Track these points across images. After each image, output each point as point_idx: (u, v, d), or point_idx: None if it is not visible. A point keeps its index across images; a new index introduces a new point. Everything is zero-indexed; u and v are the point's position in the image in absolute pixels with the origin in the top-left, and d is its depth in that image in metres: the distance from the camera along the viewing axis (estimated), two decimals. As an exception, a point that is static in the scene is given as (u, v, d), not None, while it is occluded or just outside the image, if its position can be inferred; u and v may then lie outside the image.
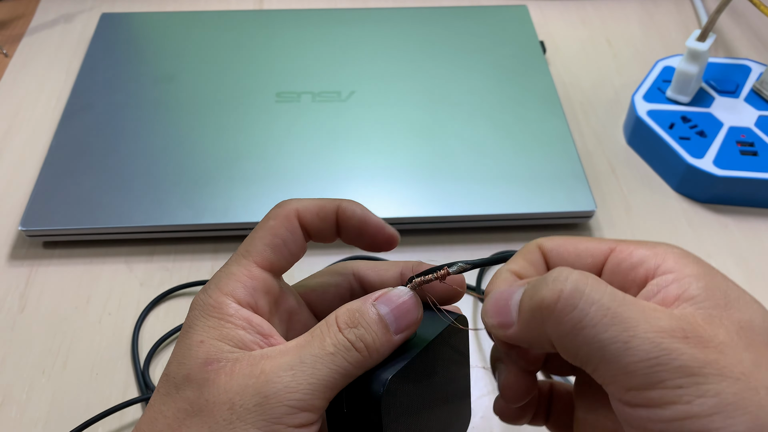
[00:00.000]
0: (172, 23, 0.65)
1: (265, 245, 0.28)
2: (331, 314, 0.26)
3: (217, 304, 0.26)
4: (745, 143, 0.53)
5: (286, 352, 0.25)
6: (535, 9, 0.71)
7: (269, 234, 0.28)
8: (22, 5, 0.72)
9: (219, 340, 0.25)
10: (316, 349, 0.25)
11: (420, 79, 0.59)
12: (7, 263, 0.49)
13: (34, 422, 0.40)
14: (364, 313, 0.26)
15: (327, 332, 0.25)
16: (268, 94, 0.57)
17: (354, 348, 0.25)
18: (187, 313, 0.27)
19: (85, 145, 0.53)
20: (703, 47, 0.53)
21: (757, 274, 0.49)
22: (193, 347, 0.25)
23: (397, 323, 0.26)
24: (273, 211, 0.29)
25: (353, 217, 0.30)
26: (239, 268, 0.27)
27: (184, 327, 0.26)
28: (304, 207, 0.29)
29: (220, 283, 0.27)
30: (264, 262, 0.27)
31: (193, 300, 0.27)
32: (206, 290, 0.27)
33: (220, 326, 0.25)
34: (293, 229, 0.28)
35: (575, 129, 0.59)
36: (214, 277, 0.27)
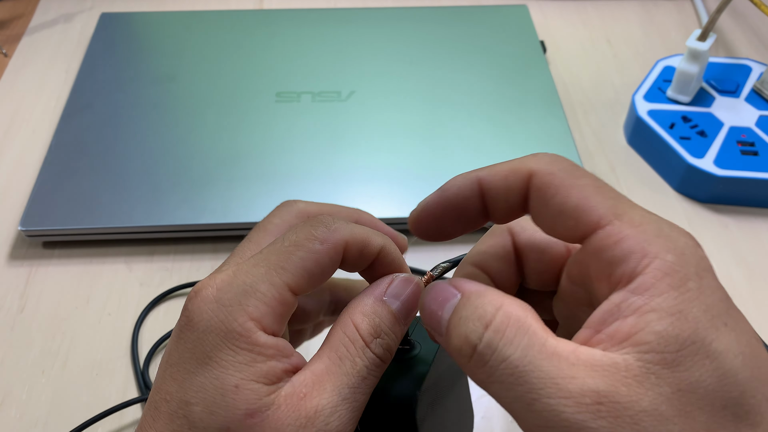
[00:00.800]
0: (172, 23, 0.65)
1: (305, 270, 0.24)
2: (346, 321, 0.25)
3: (244, 331, 0.23)
4: (746, 143, 0.53)
5: (321, 387, 0.23)
6: (535, 9, 0.71)
7: (313, 259, 0.24)
8: (21, 5, 0.72)
9: (255, 382, 0.23)
10: (351, 377, 0.24)
11: (420, 78, 0.59)
12: (6, 263, 0.49)
13: (34, 422, 0.40)
14: (383, 317, 0.25)
15: (355, 351, 0.24)
16: (268, 94, 0.57)
17: (381, 361, 0.24)
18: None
19: (85, 145, 0.53)
20: (704, 47, 0.53)
21: (757, 274, 0.49)
22: (228, 393, 0.22)
23: (406, 315, 0.26)
24: (321, 232, 0.25)
25: (392, 264, 0.27)
26: (271, 289, 0.24)
27: (201, 350, 0.23)
28: (353, 239, 0.26)
29: (245, 303, 0.23)
30: (297, 288, 0.24)
31: (202, 308, 0.23)
32: (227, 310, 0.23)
33: (253, 362, 0.23)
34: (336, 261, 0.25)
35: (575, 129, 0.59)
36: (230, 283, 0.24)
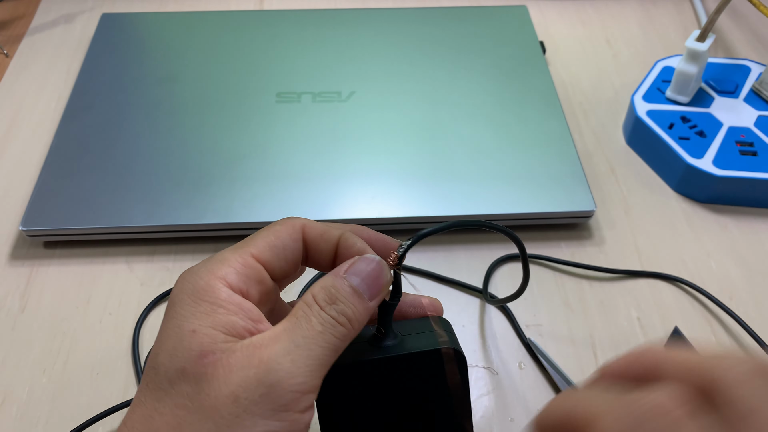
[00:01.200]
0: (173, 23, 0.65)
1: (265, 243, 0.28)
2: (306, 294, 0.27)
3: (208, 287, 0.26)
4: (745, 143, 0.53)
5: (277, 339, 0.25)
6: (535, 9, 0.71)
7: (272, 234, 0.28)
8: (22, 5, 0.72)
9: (212, 328, 0.25)
10: (306, 330, 0.25)
11: (420, 79, 0.59)
12: (7, 263, 0.49)
13: (34, 422, 0.40)
14: (339, 288, 0.26)
15: (311, 312, 0.26)
16: (269, 94, 0.57)
17: (338, 323, 0.26)
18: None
19: (86, 145, 0.53)
20: (703, 47, 0.54)
21: (757, 274, 0.49)
22: (185, 338, 0.24)
23: (369, 291, 0.27)
24: (281, 220, 0.29)
25: (352, 248, 0.29)
26: (234, 255, 0.27)
27: (170, 310, 0.26)
28: (311, 225, 0.29)
29: (212, 267, 0.26)
30: (260, 257, 0.27)
31: (179, 279, 0.27)
32: (196, 272, 0.26)
33: (213, 312, 0.25)
34: (296, 238, 0.29)
35: (575, 129, 0.59)
36: (205, 260, 0.27)
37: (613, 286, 0.48)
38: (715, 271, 0.49)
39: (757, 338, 0.44)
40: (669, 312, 0.46)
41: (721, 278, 0.48)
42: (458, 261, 0.49)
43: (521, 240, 0.32)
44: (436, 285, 0.48)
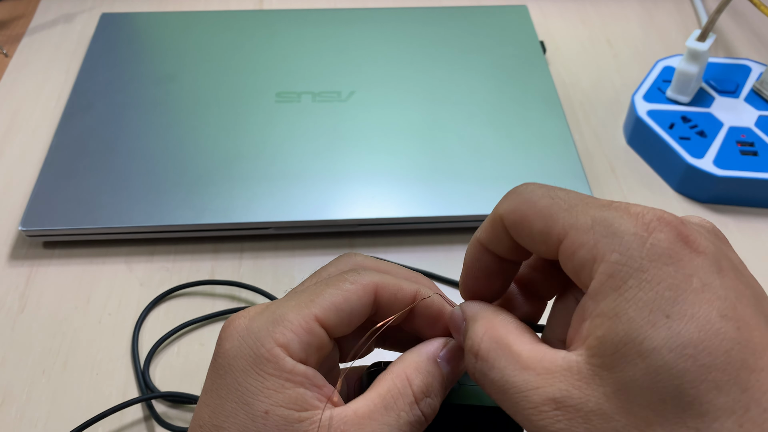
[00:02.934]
0: (172, 23, 0.65)
1: (333, 305, 0.25)
2: (400, 371, 0.25)
3: (272, 357, 0.23)
4: (745, 143, 0.53)
5: (360, 429, 0.24)
6: (535, 9, 0.71)
7: (341, 296, 0.25)
8: (22, 5, 0.72)
9: (285, 408, 0.23)
10: (393, 429, 0.24)
11: (420, 79, 0.59)
12: (7, 263, 0.49)
13: (34, 422, 0.40)
14: (435, 377, 0.26)
15: (402, 405, 0.25)
16: (269, 94, 0.57)
17: (424, 418, 0.25)
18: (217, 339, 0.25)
19: (85, 145, 0.53)
20: (703, 47, 0.53)
21: (757, 274, 0.48)
22: (258, 420, 0.23)
23: (452, 380, 0.27)
24: (351, 275, 0.26)
25: (429, 309, 0.28)
26: (298, 317, 0.24)
27: (230, 376, 0.24)
28: (383, 285, 0.27)
29: (273, 330, 0.24)
30: (324, 321, 0.25)
31: (230, 333, 0.24)
32: (256, 335, 0.24)
33: (282, 388, 0.23)
34: (366, 303, 0.26)
35: (575, 129, 0.59)
36: (260, 313, 0.25)
37: (613, 287, 0.48)
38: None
39: (757, 338, 0.44)
40: (669, 312, 0.46)
41: (721, 278, 0.48)
42: (458, 261, 0.49)
43: None
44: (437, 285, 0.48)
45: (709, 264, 0.20)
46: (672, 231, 0.20)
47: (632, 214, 0.21)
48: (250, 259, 0.49)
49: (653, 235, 0.20)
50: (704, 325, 0.19)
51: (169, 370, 0.43)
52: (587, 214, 0.22)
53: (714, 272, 0.20)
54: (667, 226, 0.20)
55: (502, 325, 0.24)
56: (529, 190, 0.24)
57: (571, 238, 0.22)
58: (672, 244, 0.20)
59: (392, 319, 0.27)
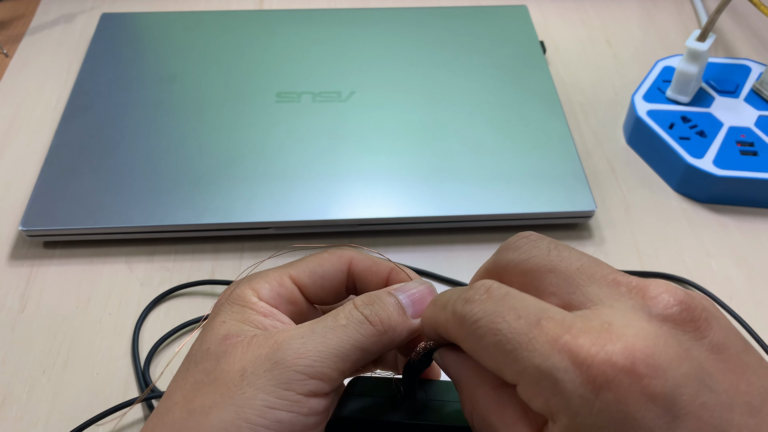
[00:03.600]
0: (173, 23, 0.65)
1: (306, 267, 0.29)
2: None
3: (242, 293, 0.27)
4: (745, 143, 0.53)
5: (300, 327, 0.26)
6: (535, 9, 0.71)
7: (315, 261, 0.29)
8: (22, 5, 0.72)
9: (241, 322, 0.27)
10: (328, 321, 0.26)
11: (420, 79, 0.59)
12: (7, 263, 0.49)
13: (34, 422, 0.40)
14: (380, 296, 0.27)
15: (341, 310, 0.26)
16: (269, 94, 0.57)
17: (367, 321, 0.26)
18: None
19: (86, 145, 0.53)
20: (703, 47, 0.53)
21: (757, 274, 0.49)
22: (216, 326, 0.27)
23: (413, 308, 0.27)
24: (330, 249, 0.30)
25: (403, 280, 0.30)
26: (273, 272, 0.28)
27: (209, 322, 0.28)
28: (359, 257, 0.30)
29: (250, 279, 0.28)
30: (297, 279, 0.29)
31: (219, 299, 0.28)
32: (236, 284, 0.28)
33: (243, 311, 0.27)
34: (339, 268, 0.29)
35: (575, 129, 0.59)
36: (251, 276, 0.29)
37: (613, 286, 0.48)
38: (715, 271, 0.49)
39: (757, 338, 0.44)
40: (669, 312, 0.46)
41: (721, 278, 0.48)
42: (458, 261, 0.49)
43: None
44: (436, 285, 0.48)
45: (667, 411, 0.18)
46: (621, 385, 0.18)
47: (577, 364, 0.19)
48: (251, 259, 0.49)
49: (600, 396, 0.19)
50: None
51: (169, 369, 0.43)
52: (532, 362, 0.20)
53: (672, 420, 0.18)
54: (615, 379, 0.18)
55: (484, 402, 0.23)
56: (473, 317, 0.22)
57: (523, 390, 0.21)
58: (622, 404, 0.18)
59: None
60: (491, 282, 0.22)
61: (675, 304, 0.20)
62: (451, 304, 0.23)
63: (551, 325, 0.20)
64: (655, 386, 0.18)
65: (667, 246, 0.50)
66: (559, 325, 0.20)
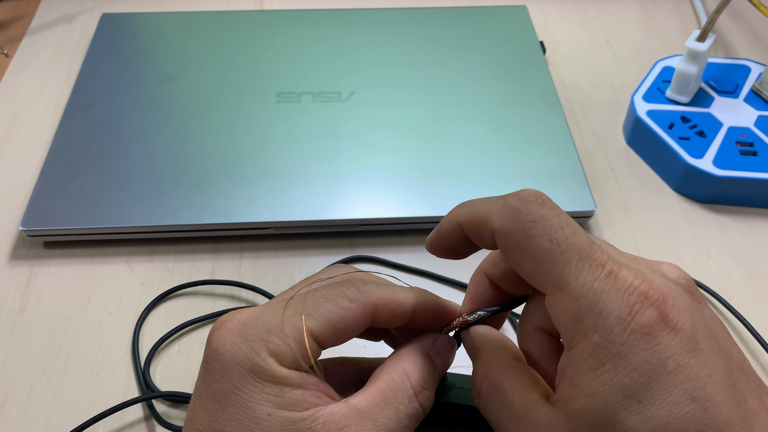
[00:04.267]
0: (173, 23, 0.65)
1: (329, 322, 0.25)
2: (394, 365, 0.26)
3: (268, 366, 0.24)
4: (745, 143, 0.53)
5: (361, 424, 0.24)
6: (535, 9, 0.71)
7: (338, 315, 0.25)
8: (22, 5, 0.72)
9: (287, 410, 0.24)
10: (393, 422, 0.25)
11: (420, 79, 0.59)
12: (7, 263, 0.49)
13: (34, 422, 0.40)
14: (430, 370, 0.27)
15: (401, 398, 0.25)
16: (269, 94, 0.57)
17: (422, 411, 0.26)
18: (205, 344, 0.25)
19: (86, 145, 0.53)
20: (703, 47, 0.54)
21: (757, 274, 0.49)
22: (262, 422, 0.23)
23: (443, 374, 0.28)
24: (352, 291, 0.26)
25: (429, 316, 0.28)
26: (293, 330, 0.25)
27: (231, 386, 0.24)
28: (383, 303, 0.26)
29: (268, 341, 0.24)
30: (319, 337, 0.25)
31: (223, 337, 0.24)
32: (250, 343, 0.24)
33: (281, 392, 0.24)
34: (363, 323, 0.26)
35: (575, 129, 0.59)
36: (253, 318, 0.25)
37: (613, 286, 0.48)
38: (715, 271, 0.49)
39: (758, 337, 0.44)
40: (669, 312, 0.46)
41: (721, 278, 0.48)
42: (458, 261, 0.49)
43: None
44: (437, 285, 0.48)
45: (685, 342, 0.21)
46: (653, 312, 0.21)
47: (619, 289, 0.21)
48: (251, 259, 0.49)
49: (635, 319, 0.21)
50: (673, 410, 0.20)
51: (169, 369, 0.43)
52: (578, 279, 0.22)
53: (688, 351, 0.21)
54: (650, 307, 0.21)
55: (500, 368, 0.25)
56: (529, 215, 0.23)
57: (557, 300, 0.22)
58: (651, 327, 0.21)
59: None
60: (541, 192, 0.24)
61: (684, 278, 0.24)
62: (500, 198, 0.24)
63: (599, 253, 0.22)
64: (677, 320, 0.21)
65: (667, 246, 0.50)
66: (606, 254, 0.22)
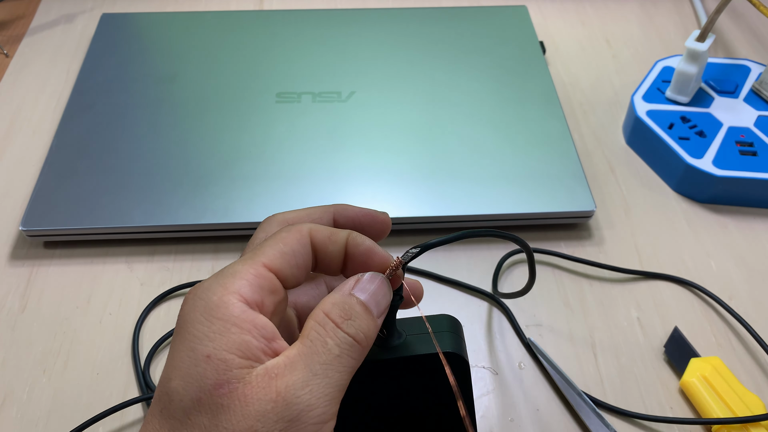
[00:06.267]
0: (173, 23, 0.65)
1: (275, 251, 0.26)
2: (317, 312, 0.26)
3: (221, 303, 0.24)
4: (745, 143, 0.53)
5: (293, 366, 0.24)
6: (535, 9, 0.71)
7: (280, 242, 0.27)
8: (22, 5, 0.72)
9: (227, 352, 0.24)
10: (323, 355, 0.24)
11: (420, 79, 0.59)
12: (7, 263, 0.49)
13: (34, 422, 0.40)
14: (352, 304, 0.26)
15: (326, 333, 0.25)
16: (269, 94, 0.57)
17: (356, 341, 0.25)
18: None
19: (86, 145, 0.53)
20: (703, 47, 0.54)
21: (757, 274, 0.49)
22: (200, 363, 0.24)
23: (377, 307, 0.27)
24: (284, 228, 0.28)
25: (360, 247, 0.28)
26: (245, 266, 0.25)
27: (182, 329, 0.25)
28: (317, 228, 0.28)
29: (224, 281, 0.25)
30: (272, 266, 0.26)
31: (189, 295, 0.25)
32: (208, 287, 0.25)
33: (226, 331, 0.24)
34: (304, 243, 0.27)
35: (575, 129, 0.59)
36: (215, 274, 0.26)
37: (613, 287, 0.48)
38: (715, 271, 0.49)
39: (758, 338, 0.44)
40: (669, 312, 0.46)
41: (721, 278, 0.48)
42: (458, 261, 0.49)
43: (527, 243, 0.32)
44: (437, 285, 0.48)
45: None
46: None
47: None
48: (251, 259, 0.49)
49: None
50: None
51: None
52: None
53: None
54: None
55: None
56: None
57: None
58: None
59: None
60: None
61: None
62: None
63: None
64: None
65: (667, 246, 0.50)
66: None
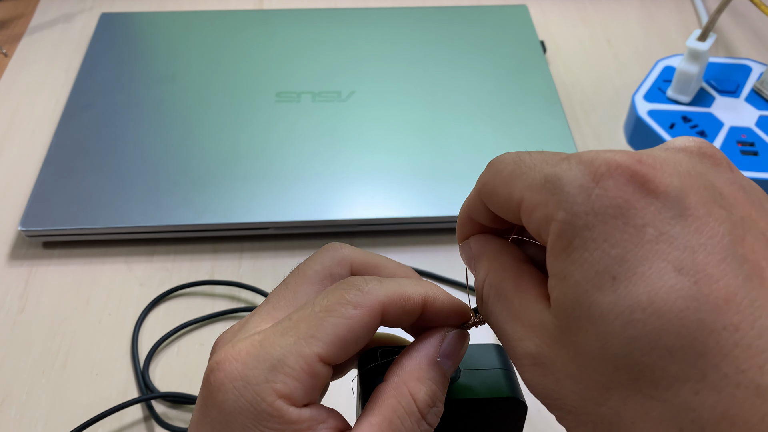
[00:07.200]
0: (172, 23, 0.65)
1: (338, 338, 0.22)
2: (400, 387, 0.23)
3: (276, 412, 0.21)
4: (746, 143, 0.53)
5: None
6: (535, 9, 0.71)
7: (345, 326, 0.22)
8: (21, 5, 0.72)
9: None
10: None
11: (420, 79, 0.59)
12: (6, 263, 0.49)
13: (34, 422, 0.40)
14: (438, 383, 0.24)
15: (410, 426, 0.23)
16: (268, 94, 0.57)
17: (431, 427, 0.23)
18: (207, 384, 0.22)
19: (85, 145, 0.53)
20: (704, 47, 0.53)
21: (758, 274, 0.49)
22: None
23: (452, 370, 0.25)
24: (354, 295, 0.23)
25: (439, 312, 0.25)
26: (300, 361, 0.22)
27: (227, 425, 0.22)
28: (389, 300, 0.23)
29: (274, 381, 0.21)
30: (329, 358, 0.22)
31: (223, 383, 0.22)
32: (254, 387, 0.21)
33: None
34: (372, 326, 0.23)
35: (575, 129, 0.59)
36: (258, 357, 0.22)
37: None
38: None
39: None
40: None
41: (722, 278, 0.48)
42: (458, 261, 0.49)
43: None
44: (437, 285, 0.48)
45: (669, 207, 0.18)
46: (623, 175, 0.18)
47: (583, 161, 0.19)
48: (250, 259, 0.49)
49: (600, 184, 0.18)
50: (654, 284, 0.17)
51: (168, 370, 0.43)
52: (542, 172, 0.20)
53: (674, 216, 0.17)
54: (618, 170, 0.18)
55: (502, 269, 0.23)
56: (499, 160, 0.22)
57: (526, 201, 0.20)
58: (621, 191, 0.18)
59: None
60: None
61: (693, 143, 0.20)
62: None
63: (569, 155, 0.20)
64: (658, 182, 0.18)
65: (668, 246, 0.50)
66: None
